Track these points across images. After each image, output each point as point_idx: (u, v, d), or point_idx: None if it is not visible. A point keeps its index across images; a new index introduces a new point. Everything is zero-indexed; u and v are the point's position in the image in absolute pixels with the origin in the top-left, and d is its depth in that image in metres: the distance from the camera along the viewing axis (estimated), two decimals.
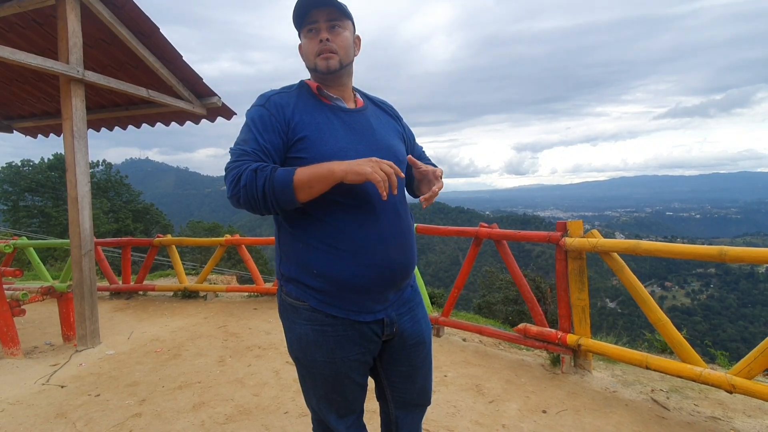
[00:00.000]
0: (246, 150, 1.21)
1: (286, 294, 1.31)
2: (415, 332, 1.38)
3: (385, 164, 1.13)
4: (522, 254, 70.00)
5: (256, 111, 1.28)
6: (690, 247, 2.54)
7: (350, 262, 1.21)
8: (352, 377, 1.30)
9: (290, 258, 1.28)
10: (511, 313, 14.65)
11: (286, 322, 1.33)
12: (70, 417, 2.57)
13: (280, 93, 1.31)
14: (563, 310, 3.14)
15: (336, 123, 1.29)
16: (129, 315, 5.04)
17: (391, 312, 1.31)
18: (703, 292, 68.75)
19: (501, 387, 2.90)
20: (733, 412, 2.57)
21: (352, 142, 1.27)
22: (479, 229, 3.64)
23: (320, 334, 1.25)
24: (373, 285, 1.24)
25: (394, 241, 1.26)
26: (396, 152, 1.35)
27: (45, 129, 6.18)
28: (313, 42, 1.29)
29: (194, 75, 4.59)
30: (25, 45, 4.20)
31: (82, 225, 3.70)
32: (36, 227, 25.55)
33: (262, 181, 1.13)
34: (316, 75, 1.34)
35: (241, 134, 1.27)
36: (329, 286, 1.23)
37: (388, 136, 1.37)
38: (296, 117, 1.26)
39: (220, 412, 2.60)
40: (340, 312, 1.25)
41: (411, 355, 1.38)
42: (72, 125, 3.64)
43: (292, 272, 1.28)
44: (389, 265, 1.25)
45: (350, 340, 1.27)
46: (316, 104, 1.31)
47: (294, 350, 1.33)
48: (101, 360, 3.52)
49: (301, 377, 1.37)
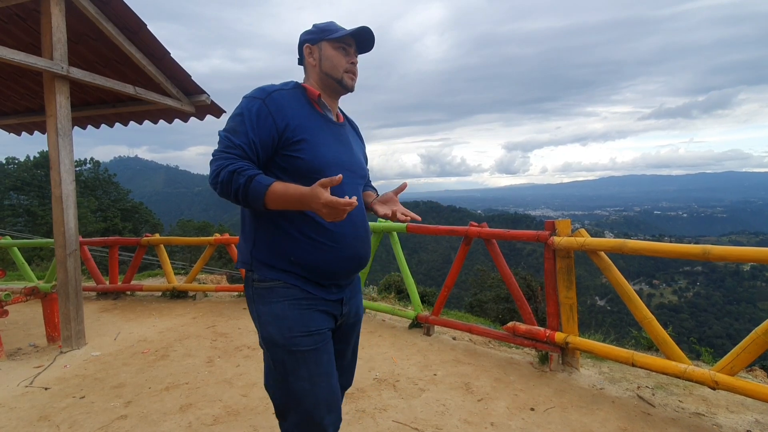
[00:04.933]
0: (234, 142, 1.28)
1: (258, 280, 1.37)
2: (357, 312, 1.57)
3: (335, 207, 1.17)
4: (513, 252, 70.47)
5: (254, 104, 1.31)
6: (675, 246, 2.58)
7: (327, 254, 1.36)
8: (329, 352, 1.39)
9: (266, 244, 1.37)
10: (502, 311, 14.74)
11: (260, 306, 1.36)
12: (54, 420, 2.52)
13: (280, 90, 1.36)
14: (551, 309, 3.16)
15: (327, 132, 1.41)
16: (116, 315, 4.97)
17: (347, 292, 1.49)
18: (690, 290, 69.88)
19: (490, 385, 2.92)
20: (716, 408, 2.61)
21: (339, 153, 1.41)
22: (469, 229, 3.65)
23: (296, 306, 1.34)
24: (343, 272, 1.41)
25: (360, 237, 1.44)
26: (364, 169, 1.56)
27: (29, 126, 6.06)
28: (343, 59, 1.43)
29: (182, 72, 4.54)
30: (7, 40, 4.12)
31: (67, 224, 3.64)
32: (21, 226, 25.07)
33: (236, 185, 1.23)
34: (330, 84, 1.44)
35: (233, 122, 1.32)
36: (303, 271, 1.36)
37: (359, 153, 1.55)
38: (296, 120, 1.33)
39: (208, 413, 2.58)
40: (312, 288, 1.38)
41: (348, 331, 1.55)
42: (56, 122, 3.57)
43: (267, 258, 1.37)
44: (357, 256, 1.42)
45: (322, 313, 1.39)
46: (311, 110, 1.40)
47: (271, 333, 1.32)
48: (86, 361, 3.47)
49: (280, 365, 1.33)
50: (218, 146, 1.30)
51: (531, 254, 68.65)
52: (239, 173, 1.23)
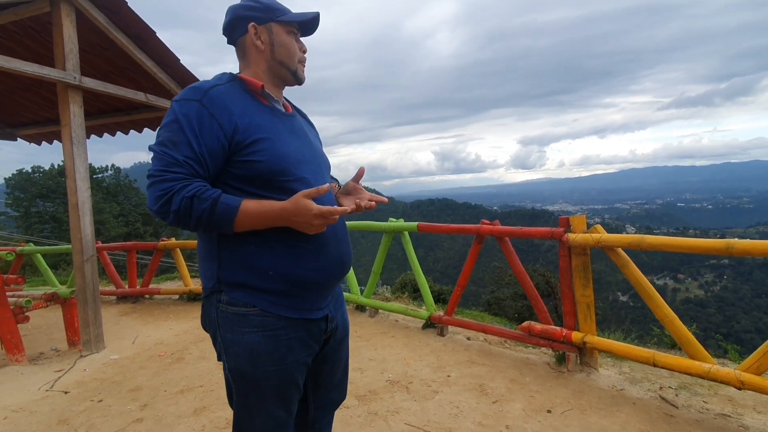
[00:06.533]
0: (175, 158, 1.07)
1: (227, 303, 1.18)
2: (344, 326, 1.42)
3: (328, 217, 1.12)
4: (531, 248, 69.51)
5: (191, 107, 1.10)
6: (696, 241, 2.47)
7: (311, 259, 1.20)
8: (297, 383, 1.26)
9: (235, 262, 1.17)
10: (520, 308, 14.53)
11: (228, 335, 1.18)
12: (72, 423, 2.57)
13: (217, 86, 1.16)
14: (568, 307, 3.08)
15: (280, 126, 1.23)
16: (134, 319, 5.06)
17: (331, 308, 1.32)
18: (717, 284, 67.77)
19: (505, 386, 2.85)
20: (742, 408, 2.49)
21: (298, 147, 1.24)
22: (481, 227, 3.58)
23: (272, 339, 1.18)
24: (328, 279, 1.25)
25: (341, 236, 1.30)
26: (327, 160, 1.40)
27: (48, 136, 6.23)
28: (295, 47, 1.28)
29: (193, 78, 4.58)
30: (22, 52, 4.22)
31: (84, 231, 3.71)
32: (48, 232, 25.89)
33: (198, 212, 1.06)
34: (280, 74, 1.28)
35: (169, 131, 1.10)
36: (285, 285, 1.18)
37: (317, 143, 1.39)
38: (245, 118, 1.14)
39: (221, 416, 2.59)
40: (294, 312, 1.21)
41: (337, 348, 1.40)
42: (70, 131, 3.65)
43: (239, 277, 1.17)
44: (341, 258, 1.28)
45: (301, 342, 1.23)
46: (256, 104, 1.21)
47: (241, 366, 1.19)
48: (105, 365, 3.53)
49: (243, 396, 1.23)
50: (155, 164, 1.07)
51: (550, 250, 67.63)
52: (199, 198, 1.05)
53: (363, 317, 4.65)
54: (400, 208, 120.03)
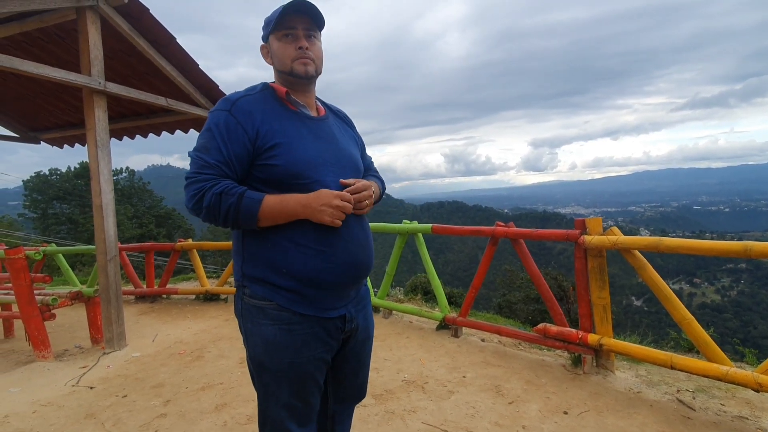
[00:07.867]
0: (207, 161, 1.20)
1: (249, 296, 1.29)
2: (367, 328, 1.46)
3: (345, 203, 1.21)
4: (543, 251, 68.89)
5: (220, 117, 1.23)
6: (715, 243, 2.46)
7: (319, 260, 1.24)
8: (315, 378, 1.32)
9: (256, 258, 1.27)
10: (532, 312, 14.43)
11: (249, 325, 1.29)
12: (99, 417, 2.65)
13: (245, 96, 1.28)
14: (584, 309, 3.08)
15: (303, 131, 1.30)
16: (153, 318, 5.17)
17: (351, 308, 1.36)
18: (734, 288, 66.36)
19: (521, 387, 2.87)
20: (760, 411, 2.48)
21: (320, 150, 1.30)
22: (495, 228, 3.60)
23: (287, 333, 1.25)
24: (339, 281, 1.28)
25: (357, 240, 1.31)
26: (356, 161, 1.41)
27: (70, 139, 6.40)
28: (289, 47, 1.30)
29: (210, 82, 4.69)
30: (48, 58, 4.36)
31: (107, 232, 3.82)
32: (65, 234, 26.45)
33: (226, 207, 1.17)
34: (287, 79, 1.33)
35: (203, 139, 1.23)
36: (297, 284, 1.25)
37: (349, 146, 1.42)
38: (266, 125, 1.24)
39: (242, 412, 2.65)
40: (307, 309, 1.27)
41: (359, 350, 1.45)
42: (95, 135, 3.76)
43: (258, 272, 1.27)
44: (353, 262, 1.30)
45: (317, 338, 1.29)
46: (282, 110, 1.30)
47: (258, 354, 1.28)
48: (127, 362, 3.63)
49: (263, 386, 1.31)
50: (191, 167, 1.21)
51: (561, 253, 66.95)
52: (227, 194, 1.16)
53: (377, 318, 4.70)
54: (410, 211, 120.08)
